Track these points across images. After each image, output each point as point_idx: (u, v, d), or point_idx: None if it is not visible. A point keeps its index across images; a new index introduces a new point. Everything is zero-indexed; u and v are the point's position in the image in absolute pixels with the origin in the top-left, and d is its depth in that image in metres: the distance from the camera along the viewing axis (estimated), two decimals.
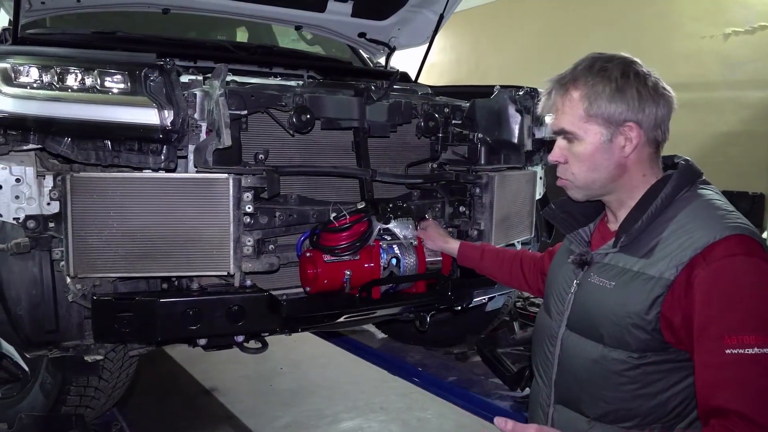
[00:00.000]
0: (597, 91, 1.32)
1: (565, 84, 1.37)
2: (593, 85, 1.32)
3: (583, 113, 1.34)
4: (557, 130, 1.40)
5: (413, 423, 3.12)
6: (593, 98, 1.32)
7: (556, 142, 1.43)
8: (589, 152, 1.36)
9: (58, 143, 1.80)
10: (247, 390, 3.56)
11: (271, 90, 2.16)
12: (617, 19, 6.03)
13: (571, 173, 1.40)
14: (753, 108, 5.08)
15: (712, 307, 1.19)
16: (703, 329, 1.20)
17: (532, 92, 2.56)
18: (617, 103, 1.31)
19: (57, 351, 2.06)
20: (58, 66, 1.80)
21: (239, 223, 1.97)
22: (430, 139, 2.56)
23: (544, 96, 1.43)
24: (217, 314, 1.95)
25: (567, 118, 1.36)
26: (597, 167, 1.36)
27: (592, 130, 1.34)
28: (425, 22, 3.33)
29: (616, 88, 1.31)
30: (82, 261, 1.89)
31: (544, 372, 1.51)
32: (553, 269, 1.60)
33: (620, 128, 1.33)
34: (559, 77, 1.39)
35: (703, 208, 1.30)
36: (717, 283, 1.20)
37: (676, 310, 1.24)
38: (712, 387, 1.18)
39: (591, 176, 1.38)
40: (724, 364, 1.17)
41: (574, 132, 1.36)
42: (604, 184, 1.38)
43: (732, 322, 1.17)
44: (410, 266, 2.20)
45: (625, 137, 1.33)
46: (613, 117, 1.32)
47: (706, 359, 1.20)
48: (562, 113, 1.37)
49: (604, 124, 1.33)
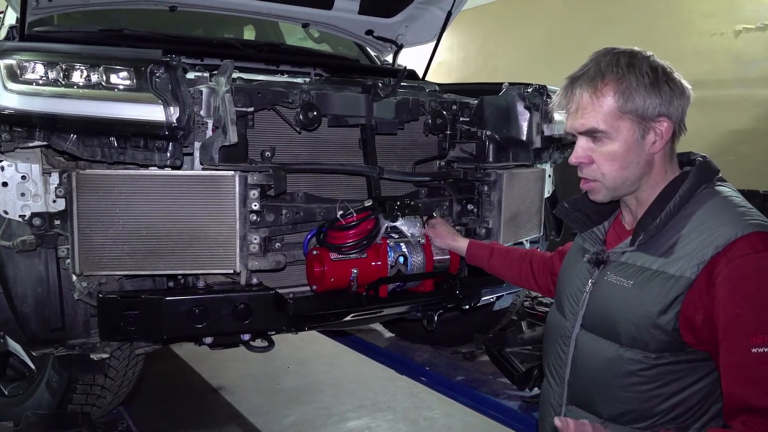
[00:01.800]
0: (630, 87, 1.27)
1: (594, 80, 1.30)
2: (626, 80, 1.27)
3: (616, 110, 1.29)
4: (586, 129, 1.32)
5: (421, 422, 3.10)
6: (627, 94, 1.27)
7: (579, 142, 1.36)
8: (622, 151, 1.31)
9: (63, 140, 1.79)
10: (254, 389, 3.56)
11: (278, 87, 2.14)
12: (628, 15, 5.97)
13: (601, 173, 1.34)
14: (765, 106, 5.01)
15: (737, 305, 1.17)
16: (729, 328, 1.18)
17: (541, 89, 2.53)
18: (652, 97, 1.27)
19: (63, 349, 2.05)
20: (63, 62, 1.79)
21: (245, 220, 1.96)
22: (438, 136, 2.54)
23: (562, 94, 1.36)
24: (223, 312, 1.94)
25: (597, 117, 1.30)
26: (628, 165, 1.32)
27: (625, 127, 1.29)
28: (433, 19, 3.31)
29: (649, 82, 1.27)
30: (87, 259, 1.88)
31: (557, 372, 1.49)
32: (566, 268, 1.58)
33: (652, 123, 1.29)
34: (583, 73, 1.32)
35: (723, 206, 1.28)
36: (741, 280, 1.18)
37: (698, 308, 1.22)
38: (739, 386, 1.16)
39: (622, 175, 1.33)
40: (750, 363, 1.15)
41: (606, 131, 1.30)
42: (633, 182, 1.34)
43: (758, 320, 1.16)
44: (418, 264, 2.18)
45: (656, 132, 1.30)
46: (647, 112, 1.28)
47: (733, 358, 1.18)
48: (591, 111, 1.30)
49: (637, 120, 1.29)
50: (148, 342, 2.19)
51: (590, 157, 1.34)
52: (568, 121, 1.37)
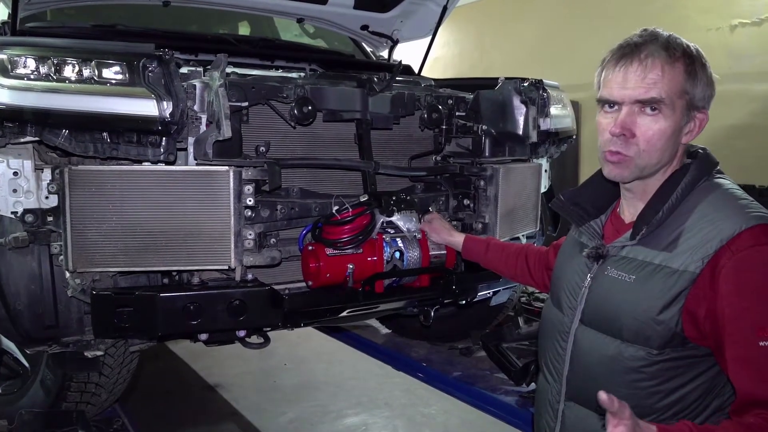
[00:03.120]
0: (698, 70, 1.25)
1: (668, 49, 1.24)
2: (695, 62, 1.25)
3: (681, 88, 1.24)
4: (649, 97, 1.23)
5: (418, 419, 3.10)
6: (694, 76, 1.25)
7: (625, 111, 1.26)
8: (668, 131, 1.26)
9: (55, 135, 1.77)
10: (251, 386, 3.54)
11: (273, 81, 2.13)
12: (623, 11, 5.97)
13: (640, 150, 1.27)
14: (760, 101, 5.03)
15: (742, 298, 1.16)
16: (734, 321, 1.16)
17: (537, 83, 2.52)
18: (708, 88, 1.27)
19: (57, 347, 2.03)
20: (55, 57, 1.77)
21: (240, 216, 1.94)
22: (434, 131, 2.53)
23: (626, 57, 1.26)
24: (218, 309, 1.92)
25: (665, 86, 1.23)
26: (666, 147, 1.28)
27: (679, 108, 1.26)
28: (428, 14, 3.29)
29: (710, 74, 1.27)
30: (81, 255, 1.86)
31: (555, 368, 1.47)
32: (561, 263, 1.56)
33: (695, 113, 1.28)
34: (651, 40, 1.24)
35: (725, 198, 1.26)
36: (745, 273, 1.17)
37: (701, 303, 1.21)
38: (748, 380, 1.15)
39: (657, 156, 1.28)
40: (758, 357, 1.14)
41: (668, 105, 1.24)
42: (660, 167, 1.31)
43: (763, 313, 1.15)
44: (414, 260, 2.17)
45: (694, 123, 1.28)
46: (698, 101, 1.26)
47: (739, 352, 1.17)
48: (661, 80, 1.23)
49: (688, 105, 1.26)
50: (143, 339, 2.17)
51: (633, 132, 1.27)
52: (619, 88, 1.27)
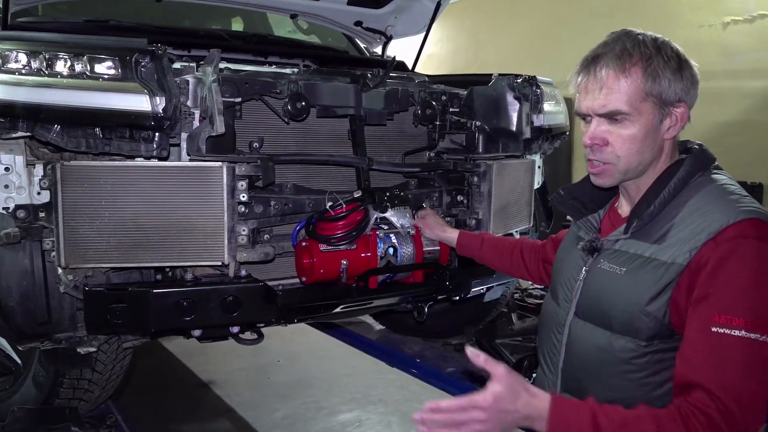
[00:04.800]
0: (658, 68, 1.25)
1: (621, 59, 1.26)
2: (654, 61, 1.25)
3: (641, 92, 1.25)
4: (608, 111, 1.28)
5: (412, 414, 3.10)
6: (655, 76, 1.25)
7: (594, 123, 1.31)
8: (640, 135, 1.28)
9: (47, 131, 1.76)
10: (245, 383, 3.53)
11: (266, 77, 2.12)
12: (616, 8, 5.98)
13: (616, 156, 1.31)
14: (753, 97, 5.04)
15: (712, 283, 1.17)
16: (698, 303, 1.18)
17: (531, 80, 2.52)
18: (677, 82, 1.26)
19: (49, 343, 2.02)
20: (47, 52, 1.75)
21: (233, 212, 1.94)
22: (428, 127, 2.53)
23: (583, 72, 1.30)
24: (211, 305, 1.92)
25: (622, 97, 1.26)
26: (644, 150, 1.30)
27: (647, 111, 1.27)
28: (422, 10, 3.28)
29: (676, 66, 1.26)
30: (73, 251, 1.85)
31: (551, 360, 1.49)
32: (561, 256, 1.58)
33: (671, 108, 1.28)
34: (607, 51, 1.27)
35: (716, 193, 1.27)
36: (723, 261, 1.18)
37: (686, 294, 1.22)
38: (691, 360, 1.17)
39: (637, 159, 1.31)
40: (707, 341, 1.15)
41: (629, 112, 1.26)
42: (645, 167, 1.33)
43: (725, 300, 1.16)
44: (407, 256, 2.17)
45: (672, 118, 1.29)
46: (669, 97, 1.27)
47: (693, 335, 1.18)
48: (616, 92, 1.26)
49: (659, 103, 1.27)
50: (136, 335, 2.16)
51: (605, 139, 1.30)
52: (584, 100, 1.31)
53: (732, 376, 1.13)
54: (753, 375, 1.13)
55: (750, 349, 1.13)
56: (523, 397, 1.15)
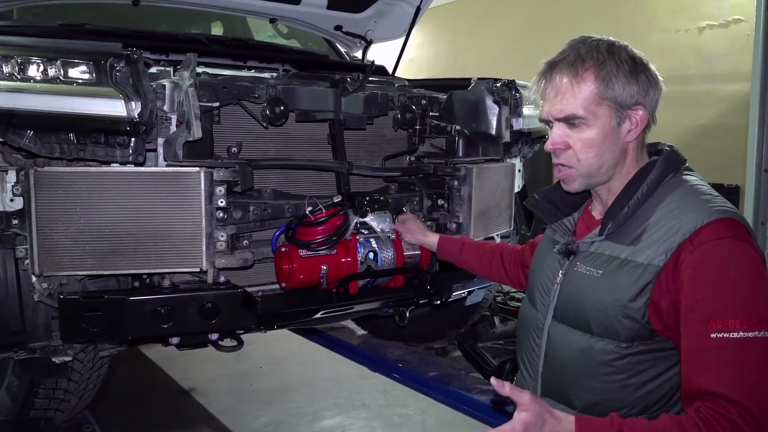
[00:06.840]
0: (611, 73, 1.28)
1: (574, 65, 1.30)
2: (606, 66, 1.28)
3: (595, 96, 1.29)
4: (564, 115, 1.32)
5: (395, 419, 3.09)
6: (608, 80, 1.28)
7: (555, 128, 1.36)
8: (598, 138, 1.31)
9: (20, 136, 1.72)
10: (227, 390, 3.50)
11: (244, 81, 2.11)
12: (593, 13, 6.05)
13: (577, 160, 1.34)
14: (728, 101, 5.12)
15: (698, 290, 1.18)
16: (689, 312, 1.19)
17: (510, 84, 2.53)
18: (631, 85, 1.28)
19: (23, 352, 1.98)
20: (19, 56, 1.72)
21: (212, 217, 1.92)
22: (408, 131, 2.53)
23: (540, 79, 1.35)
24: (189, 312, 1.89)
25: (577, 102, 1.30)
26: (604, 153, 1.33)
27: (603, 114, 1.30)
28: (402, 15, 3.30)
29: (629, 69, 1.28)
30: (47, 259, 1.82)
31: (530, 364, 1.48)
32: (536, 260, 1.58)
33: (629, 111, 1.30)
34: (562, 59, 1.32)
35: (689, 194, 1.29)
36: (704, 265, 1.19)
37: (665, 295, 1.23)
38: (698, 370, 1.17)
39: (597, 163, 1.33)
40: (709, 348, 1.16)
41: (585, 116, 1.30)
42: (607, 170, 1.35)
43: (717, 305, 1.17)
44: (388, 260, 2.16)
45: (632, 121, 1.31)
46: (625, 100, 1.29)
47: (692, 343, 1.19)
48: (571, 97, 1.30)
49: (615, 107, 1.29)
50: (113, 344, 2.12)
51: (566, 143, 1.34)
52: (544, 106, 1.36)
53: (743, 376, 1.14)
54: (762, 371, 1.14)
55: (753, 347, 1.15)
56: (549, 422, 1.15)
